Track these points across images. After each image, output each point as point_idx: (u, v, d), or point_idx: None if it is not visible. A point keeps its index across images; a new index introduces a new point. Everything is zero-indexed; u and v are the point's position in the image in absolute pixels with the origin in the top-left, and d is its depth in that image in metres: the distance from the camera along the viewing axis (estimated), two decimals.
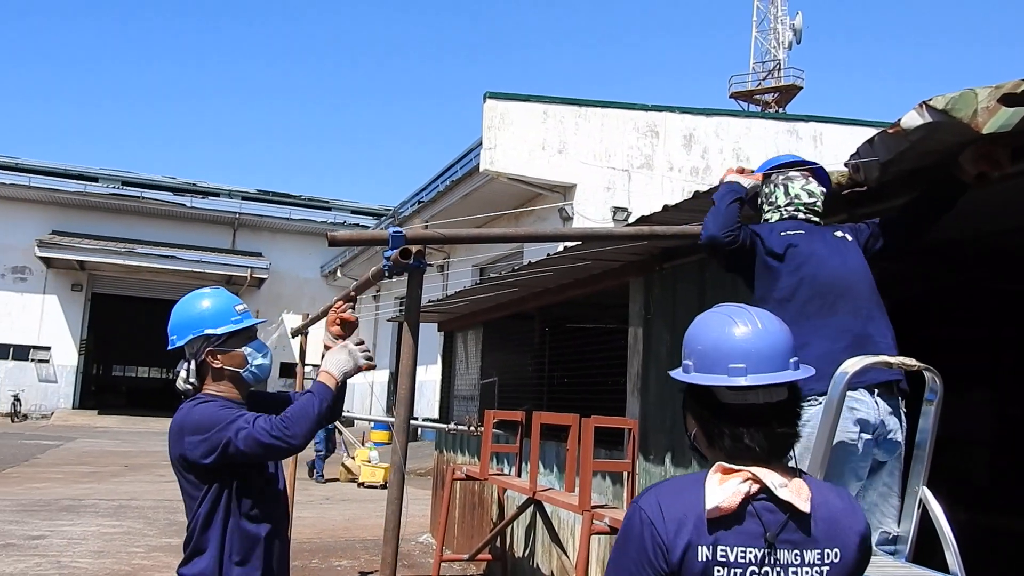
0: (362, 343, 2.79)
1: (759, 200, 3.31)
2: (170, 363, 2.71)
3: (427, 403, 20.08)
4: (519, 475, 6.49)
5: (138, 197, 30.21)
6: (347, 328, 2.91)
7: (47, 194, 29.27)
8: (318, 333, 3.05)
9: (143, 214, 30.80)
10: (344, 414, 25.25)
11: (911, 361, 2.60)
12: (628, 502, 4.91)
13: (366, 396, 28.86)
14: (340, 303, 2.99)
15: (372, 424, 23.53)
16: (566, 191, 14.88)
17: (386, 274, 2.84)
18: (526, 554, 6.73)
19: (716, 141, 16.13)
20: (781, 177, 3.26)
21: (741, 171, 3.26)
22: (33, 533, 8.65)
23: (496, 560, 7.10)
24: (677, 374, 1.67)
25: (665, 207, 4.07)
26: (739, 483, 1.50)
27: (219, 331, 2.58)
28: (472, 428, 7.94)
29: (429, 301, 7.56)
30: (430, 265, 4.36)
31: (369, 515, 10.79)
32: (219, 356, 2.59)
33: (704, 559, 1.47)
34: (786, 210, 3.20)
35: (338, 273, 29.58)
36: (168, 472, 2.67)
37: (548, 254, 5.34)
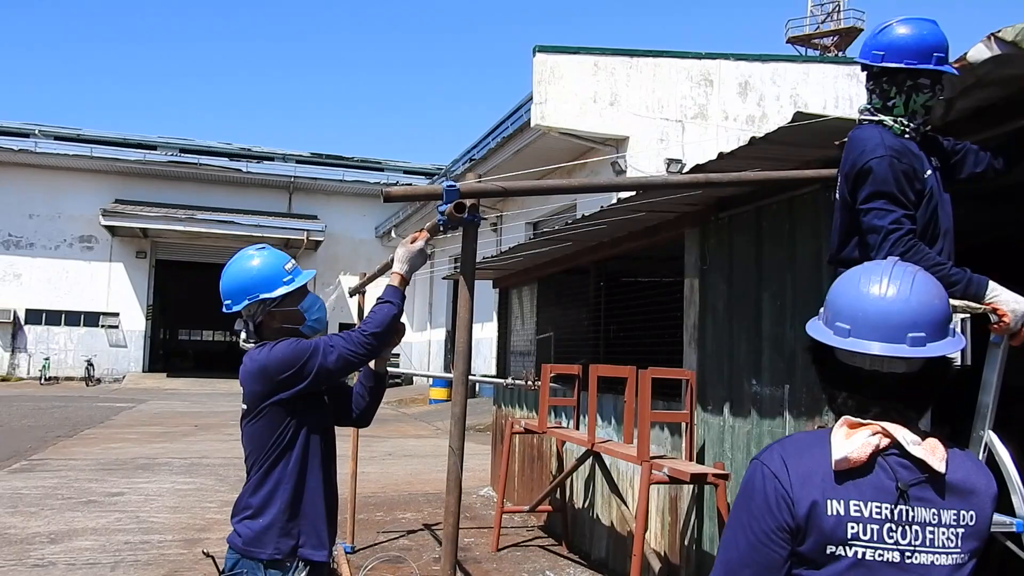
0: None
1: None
2: (233, 326, 2.83)
3: (484, 360, 20.29)
4: (577, 428, 6.54)
5: (195, 164, 30.80)
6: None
7: (109, 163, 30.04)
8: (375, 292, 3.11)
9: (201, 180, 31.42)
10: (403, 371, 25.59)
11: (975, 304, 2.55)
12: (687, 452, 4.92)
13: (423, 354, 29.27)
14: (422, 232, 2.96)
15: (430, 381, 23.91)
16: (618, 144, 14.72)
17: (441, 229, 2.85)
18: (586, 505, 6.81)
19: (773, 88, 15.75)
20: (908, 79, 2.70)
21: None
22: (112, 490, 9.04)
23: (556, 511, 7.20)
24: (811, 321, 1.61)
25: (720, 155, 4.00)
26: (868, 436, 1.45)
27: (273, 295, 2.68)
28: (529, 383, 8.01)
29: (483, 258, 7.59)
30: (484, 219, 4.38)
31: (431, 470, 11.00)
32: (276, 316, 2.70)
33: (835, 513, 1.42)
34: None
35: (392, 233, 29.84)
36: (237, 431, 2.76)
37: (602, 207, 5.31)
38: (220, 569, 2.68)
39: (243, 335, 2.71)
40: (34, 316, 30.03)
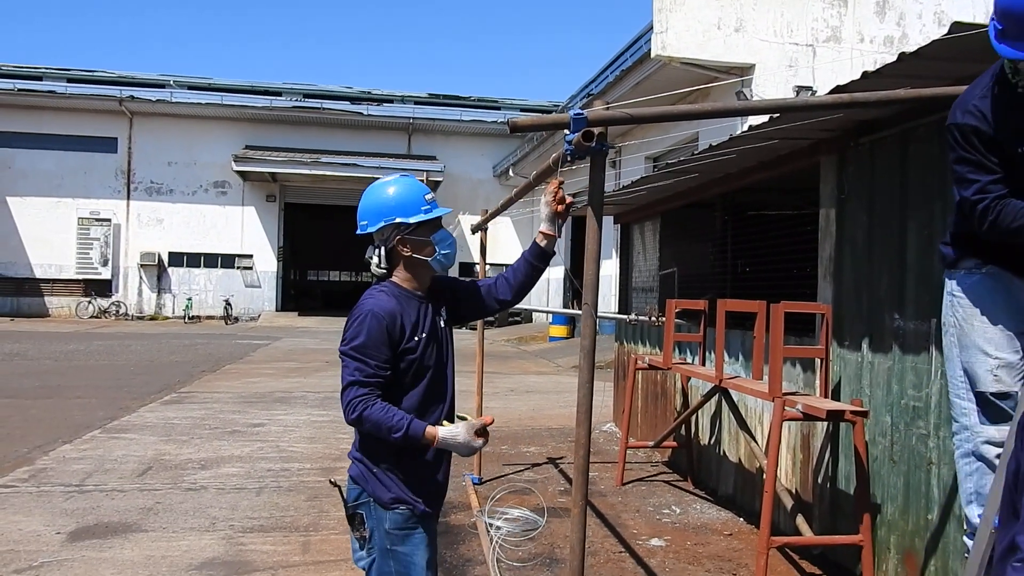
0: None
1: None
2: (359, 268, 2.86)
3: (602, 297, 20.19)
4: (703, 364, 6.42)
5: (319, 108, 31.63)
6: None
7: (238, 111, 31.25)
8: (495, 229, 3.07)
9: (324, 125, 32.25)
10: (524, 307, 25.82)
11: None
12: (821, 389, 4.75)
13: (542, 292, 29.39)
14: (555, 183, 2.85)
15: (550, 318, 24.05)
16: (743, 72, 14.08)
17: (568, 159, 2.78)
18: (712, 441, 6.72)
19: (914, 5, 14.62)
20: None
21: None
22: (254, 421, 9.58)
23: (681, 447, 7.14)
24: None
25: (865, 74, 3.73)
26: None
27: (410, 220, 2.66)
28: (653, 318, 7.90)
29: (605, 193, 7.45)
30: (613, 147, 4.24)
31: (552, 406, 11.12)
32: (408, 244, 2.68)
33: None
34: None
35: (510, 172, 29.86)
36: None
37: (731, 136, 5.09)
38: (345, 500, 2.83)
39: (374, 260, 2.71)
40: (176, 259, 31.91)
